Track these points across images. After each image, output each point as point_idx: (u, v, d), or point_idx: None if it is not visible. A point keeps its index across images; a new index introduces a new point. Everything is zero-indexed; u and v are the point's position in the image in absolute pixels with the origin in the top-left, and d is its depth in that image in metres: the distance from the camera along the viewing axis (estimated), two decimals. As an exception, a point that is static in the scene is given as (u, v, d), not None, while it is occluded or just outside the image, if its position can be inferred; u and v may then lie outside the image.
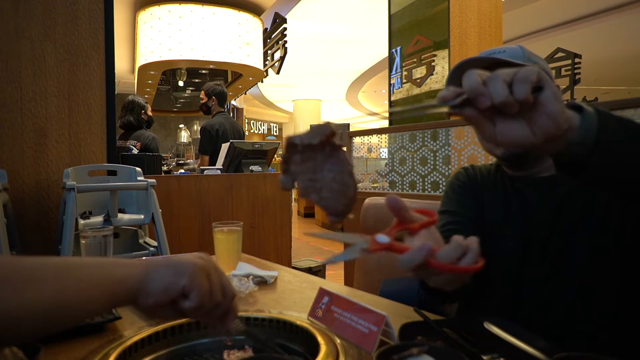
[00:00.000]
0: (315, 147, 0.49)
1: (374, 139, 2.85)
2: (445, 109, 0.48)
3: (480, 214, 0.89)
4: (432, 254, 0.47)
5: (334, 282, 2.10)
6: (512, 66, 0.80)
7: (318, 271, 3.35)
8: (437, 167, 2.37)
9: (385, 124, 14.86)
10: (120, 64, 8.14)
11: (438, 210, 0.93)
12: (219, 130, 3.43)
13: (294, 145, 0.49)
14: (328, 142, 0.49)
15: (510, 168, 0.89)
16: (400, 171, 2.58)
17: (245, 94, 8.97)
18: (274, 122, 17.63)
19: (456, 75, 0.86)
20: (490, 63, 0.82)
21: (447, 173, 2.32)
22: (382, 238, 0.49)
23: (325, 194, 0.51)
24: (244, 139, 3.68)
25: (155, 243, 1.93)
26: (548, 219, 0.80)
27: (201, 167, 3.05)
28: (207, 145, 3.43)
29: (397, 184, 2.60)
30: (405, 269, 0.46)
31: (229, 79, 7.38)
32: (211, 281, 0.54)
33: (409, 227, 0.53)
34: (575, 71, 5.38)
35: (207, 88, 3.63)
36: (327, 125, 0.48)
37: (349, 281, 2.68)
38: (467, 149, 2.20)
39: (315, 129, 0.49)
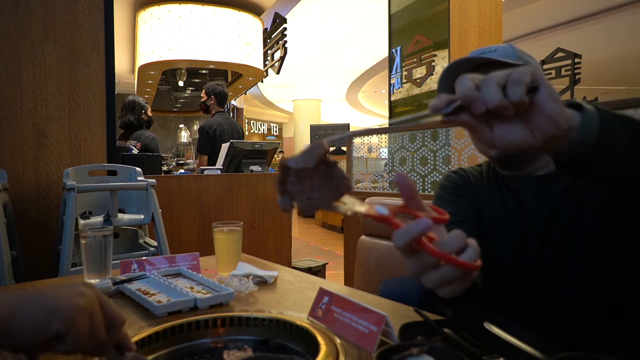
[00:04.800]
0: (310, 167, 0.48)
1: (374, 139, 2.85)
2: (438, 118, 0.47)
3: (477, 215, 0.87)
4: (430, 239, 0.43)
5: (334, 282, 2.10)
6: (505, 66, 0.80)
7: (318, 271, 3.35)
8: (437, 167, 2.37)
9: (384, 123, 14.87)
10: (120, 64, 8.15)
11: None
12: (216, 130, 3.44)
13: (288, 167, 0.47)
14: (322, 161, 0.48)
15: (503, 168, 0.88)
16: (400, 171, 2.58)
17: (245, 94, 8.97)
18: (274, 122, 17.65)
19: (448, 77, 0.85)
20: (482, 63, 0.81)
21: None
22: (381, 209, 0.45)
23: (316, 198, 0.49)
24: (243, 139, 3.68)
25: (155, 243, 1.94)
26: (544, 218, 0.80)
27: (201, 167, 3.05)
28: (205, 145, 3.43)
29: (397, 184, 2.59)
30: (399, 244, 0.43)
31: (229, 79, 7.38)
32: (94, 320, 0.47)
33: (412, 213, 0.47)
34: (575, 71, 5.38)
35: (208, 87, 3.64)
36: (319, 144, 0.46)
37: (349, 281, 2.68)
38: (467, 149, 2.20)
39: (308, 150, 0.47)
